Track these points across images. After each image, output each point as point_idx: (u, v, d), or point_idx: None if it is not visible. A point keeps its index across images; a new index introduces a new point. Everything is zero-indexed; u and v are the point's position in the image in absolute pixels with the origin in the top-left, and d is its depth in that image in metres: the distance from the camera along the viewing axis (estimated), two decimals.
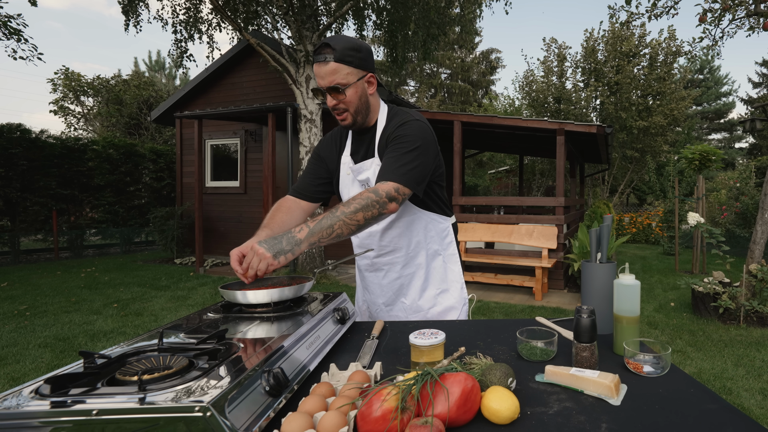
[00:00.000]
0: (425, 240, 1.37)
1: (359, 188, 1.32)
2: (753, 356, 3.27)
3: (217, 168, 8.46)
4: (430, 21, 6.94)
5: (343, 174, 1.36)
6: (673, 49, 11.47)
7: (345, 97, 1.20)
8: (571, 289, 5.70)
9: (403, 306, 1.42)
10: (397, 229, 1.34)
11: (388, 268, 1.39)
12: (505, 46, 54.69)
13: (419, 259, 1.38)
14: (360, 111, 1.25)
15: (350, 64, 1.18)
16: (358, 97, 1.22)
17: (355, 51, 1.18)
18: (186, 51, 7.00)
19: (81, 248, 8.66)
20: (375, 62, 1.57)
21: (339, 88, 1.18)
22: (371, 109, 1.28)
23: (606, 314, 1.12)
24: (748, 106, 26.46)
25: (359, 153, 1.34)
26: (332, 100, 1.22)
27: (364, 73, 1.22)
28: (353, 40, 1.20)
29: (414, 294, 1.40)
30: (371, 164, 1.29)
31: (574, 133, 6.10)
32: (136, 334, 3.77)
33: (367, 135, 1.32)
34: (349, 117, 1.25)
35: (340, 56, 1.16)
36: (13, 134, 7.74)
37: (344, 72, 1.17)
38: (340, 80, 1.17)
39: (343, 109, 1.23)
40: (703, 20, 5.42)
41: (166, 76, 25.10)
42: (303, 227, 1.05)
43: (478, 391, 0.74)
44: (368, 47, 1.23)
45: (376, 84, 1.27)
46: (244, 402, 0.64)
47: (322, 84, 1.19)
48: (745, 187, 9.07)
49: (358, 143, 1.35)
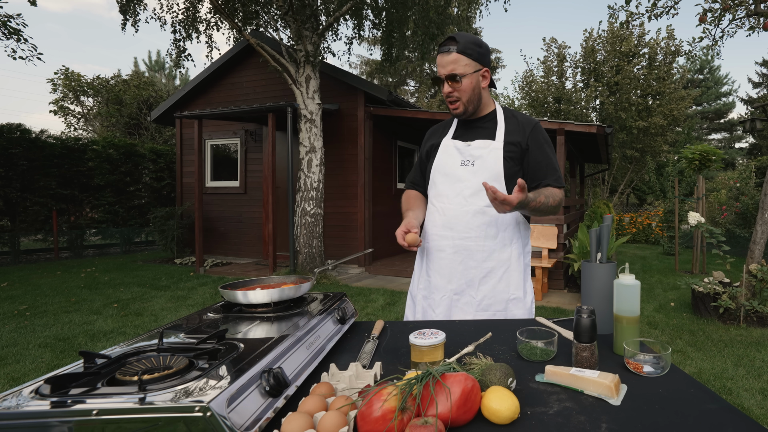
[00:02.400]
0: (512, 240, 1.38)
1: (459, 163, 1.38)
2: (753, 356, 3.28)
3: (217, 168, 8.46)
4: (429, 20, 6.94)
5: (444, 151, 1.42)
6: (672, 49, 11.47)
7: (461, 86, 1.30)
8: (571, 289, 5.70)
9: (471, 300, 1.37)
10: (488, 217, 1.35)
11: (468, 255, 1.36)
12: (505, 46, 54.72)
13: (503, 255, 1.36)
14: (472, 101, 1.34)
15: (470, 56, 1.28)
16: (472, 88, 1.32)
17: (476, 45, 1.29)
18: (184, 51, 7.00)
19: (81, 248, 8.66)
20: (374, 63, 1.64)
21: (456, 76, 1.28)
22: (482, 101, 1.38)
23: (606, 314, 1.12)
24: (748, 106, 26.45)
25: (466, 136, 1.41)
26: (448, 88, 1.31)
27: (481, 67, 1.32)
28: (476, 36, 1.31)
29: (486, 290, 1.37)
30: (489, 145, 1.35)
31: (574, 133, 6.10)
32: (136, 334, 3.77)
33: (481, 122, 1.41)
34: (461, 106, 1.34)
35: (462, 48, 1.27)
36: (13, 134, 7.74)
37: (463, 63, 1.28)
38: (458, 70, 1.28)
39: (456, 97, 1.32)
40: (703, 20, 5.42)
41: (166, 76, 25.10)
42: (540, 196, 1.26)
43: (478, 391, 0.74)
44: (488, 46, 1.34)
45: (490, 79, 1.36)
46: (244, 402, 0.64)
47: (441, 72, 1.29)
48: (745, 187, 9.07)
49: (466, 129, 1.42)
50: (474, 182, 1.33)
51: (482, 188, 1.31)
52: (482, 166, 1.33)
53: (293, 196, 6.20)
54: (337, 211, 7.10)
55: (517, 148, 1.34)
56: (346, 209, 7.05)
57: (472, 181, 1.34)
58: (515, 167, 1.35)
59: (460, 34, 1.28)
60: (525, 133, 1.36)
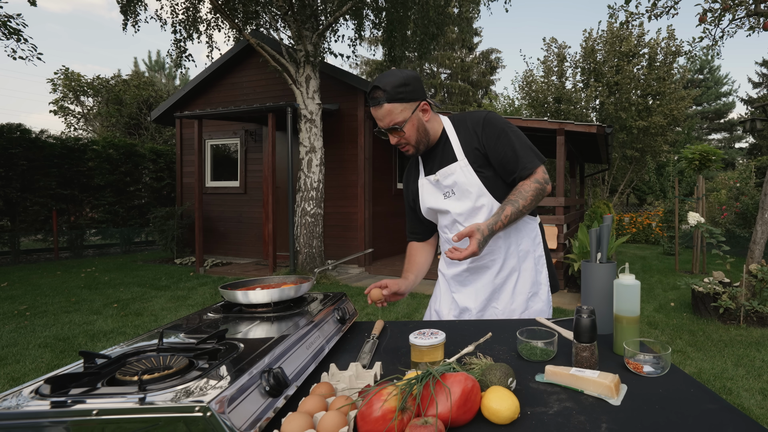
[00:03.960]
0: (518, 241, 1.38)
1: (444, 199, 1.37)
2: (753, 356, 3.27)
3: (217, 168, 8.46)
4: (429, 20, 6.94)
5: (423, 191, 1.41)
6: (672, 49, 11.47)
7: (405, 134, 1.27)
8: (571, 289, 5.70)
9: (494, 312, 1.40)
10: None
11: (484, 272, 1.39)
12: (505, 46, 54.64)
13: (512, 262, 1.38)
14: (420, 140, 1.31)
15: (402, 100, 1.24)
16: (415, 129, 1.28)
17: (404, 86, 1.23)
18: (185, 51, 7.00)
19: (81, 248, 8.66)
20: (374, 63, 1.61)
21: (397, 127, 1.25)
22: (430, 133, 1.34)
23: (606, 314, 1.12)
24: (748, 106, 26.45)
25: (434, 166, 1.38)
26: (394, 138, 1.29)
27: (417, 104, 1.27)
28: (399, 74, 1.24)
29: (506, 298, 1.39)
30: (455, 167, 1.33)
31: (574, 133, 6.10)
32: (136, 334, 3.77)
33: (437, 149, 1.37)
34: (411, 149, 1.32)
35: (391, 96, 1.22)
36: (13, 134, 7.74)
37: (398, 110, 1.24)
38: (396, 119, 1.24)
39: (404, 143, 1.30)
40: (703, 20, 5.42)
41: (166, 76, 25.10)
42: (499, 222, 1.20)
43: (478, 391, 0.74)
44: (416, 76, 1.28)
45: (430, 108, 1.32)
46: (244, 402, 0.64)
47: (381, 125, 1.27)
48: (745, 187, 9.07)
49: (429, 160, 1.40)
50: (463, 209, 1.34)
51: (474, 210, 1.32)
52: (462, 191, 1.32)
53: (293, 196, 6.20)
54: (337, 211, 7.10)
55: (479, 154, 1.32)
56: (346, 209, 7.05)
57: (462, 209, 1.34)
58: (490, 171, 1.33)
59: (383, 78, 1.23)
60: (477, 135, 1.32)
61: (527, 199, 1.23)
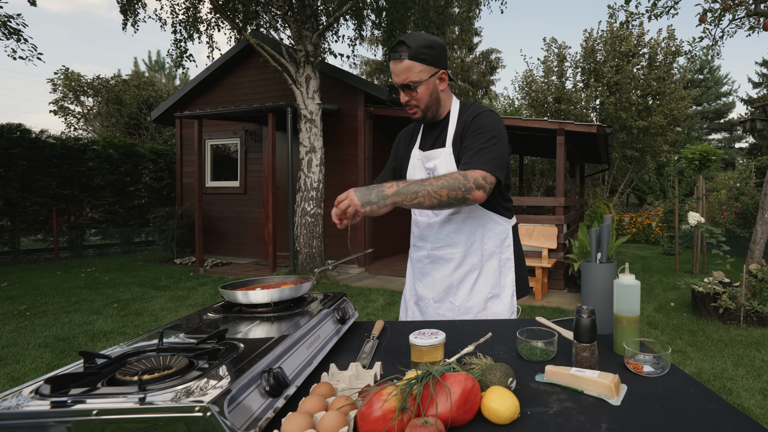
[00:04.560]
0: (482, 240, 1.36)
1: (425, 175, 1.35)
2: (753, 356, 3.27)
3: (217, 168, 8.46)
4: (429, 20, 6.94)
5: (411, 164, 1.41)
6: (672, 49, 11.47)
7: (417, 94, 1.25)
8: (571, 289, 5.70)
9: (451, 306, 1.40)
10: (454, 224, 1.34)
11: (443, 263, 1.38)
12: (505, 46, 54.67)
13: (474, 259, 1.36)
14: (430, 107, 1.30)
15: (423, 61, 1.22)
16: (429, 94, 1.27)
17: (428, 48, 1.22)
18: (186, 51, 7.00)
19: (81, 248, 8.66)
20: (374, 63, 1.59)
21: (411, 85, 1.23)
22: (441, 104, 1.33)
23: (606, 314, 1.12)
24: (748, 106, 26.46)
25: (428, 144, 1.38)
26: (405, 96, 1.27)
27: (437, 70, 1.26)
28: (428, 36, 1.23)
29: (464, 294, 1.38)
30: (441, 153, 1.32)
31: (574, 133, 6.10)
32: (136, 334, 3.77)
33: (438, 127, 1.37)
34: (419, 112, 1.31)
35: (414, 54, 1.20)
36: (13, 134, 7.74)
37: (417, 69, 1.22)
38: (413, 78, 1.22)
39: (414, 104, 1.28)
40: (703, 20, 5.42)
41: (166, 76, 25.09)
42: (393, 185, 1.12)
43: (478, 391, 0.74)
44: (442, 43, 1.26)
45: (448, 79, 1.31)
46: (244, 402, 0.64)
47: (396, 81, 1.24)
48: (745, 187, 9.07)
49: (428, 135, 1.39)
50: None
51: None
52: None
53: (293, 196, 6.20)
54: None
55: (460, 145, 1.29)
56: None
57: None
58: None
59: (411, 36, 1.21)
60: (466, 125, 1.29)
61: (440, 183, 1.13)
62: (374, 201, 1.10)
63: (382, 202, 1.10)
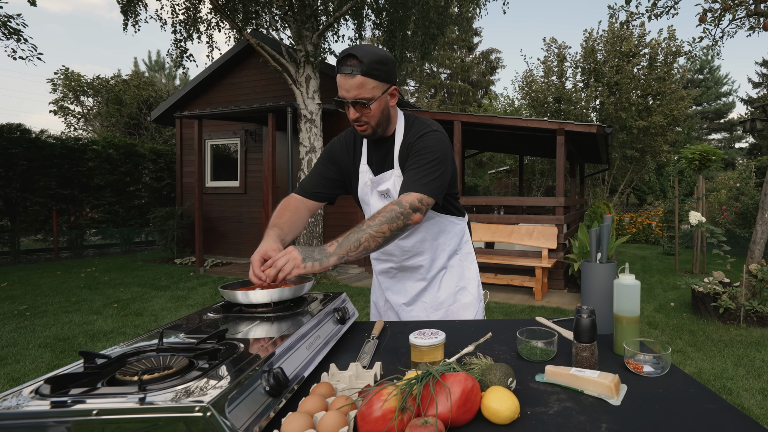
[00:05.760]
0: (445, 242, 1.41)
1: (378, 198, 1.34)
2: (753, 356, 3.27)
3: (217, 168, 8.47)
4: (430, 21, 6.94)
5: (362, 183, 1.36)
6: (672, 49, 11.47)
7: (369, 111, 1.19)
8: (571, 289, 5.70)
9: (423, 305, 1.44)
10: (419, 234, 1.36)
11: (412, 272, 1.41)
12: (505, 46, 54.65)
13: (441, 261, 1.42)
14: (381, 123, 1.25)
15: (376, 78, 1.16)
16: (380, 111, 1.22)
17: (381, 64, 1.16)
18: (186, 51, 7.00)
19: (81, 248, 8.66)
20: None
21: (364, 102, 1.16)
22: (391, 120, 1.28)
23: (606, 314, 1.12)
24: (748, 106, 26.46)
25: (377, 163, 1.33)
26: (355, 113, 1.21)
27: (388, 86, 1.21)
28: (379, 51, 1.17)
29: (433, 292, 1.43)
30: (391, 175, 1.30)
31: (574, 133, 6.10)
32: (136, 334, 3.77)
33: (384, 145, 1.32)
34: (369, 129, 1.24)
35: (367, 70, 1.13)
36: (13, 134, 7.74)
37: (370, 86, 1.16)
38: (365, 95, 1.16)
39: (365, 122, 1.22)
40: (703, 20, 5.42)
41: (166, 76, 25.10)
42: (333, 242, 1.06)
43: (478, 391, 0.74)
44: (393, 59, 1.22)
45: (398, 96, 1.27)
46: (244, 402, 0.64)
47: (346, 96, 1.17)
48: (745, 187, 9.07)
49: (375, 152, 1.34)
50: None
51: None
52: (396, 197, 1.28)
53: None
54: (337, 211, 7.10)
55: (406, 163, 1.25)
56: (346, 209, 7.05)
57: None
58: None
59: (362, 49, 1.14)
60: (409, 145, 1.25)
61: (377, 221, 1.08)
62: (317, 258, 1.01)
63: (325, 260, 1.01)
